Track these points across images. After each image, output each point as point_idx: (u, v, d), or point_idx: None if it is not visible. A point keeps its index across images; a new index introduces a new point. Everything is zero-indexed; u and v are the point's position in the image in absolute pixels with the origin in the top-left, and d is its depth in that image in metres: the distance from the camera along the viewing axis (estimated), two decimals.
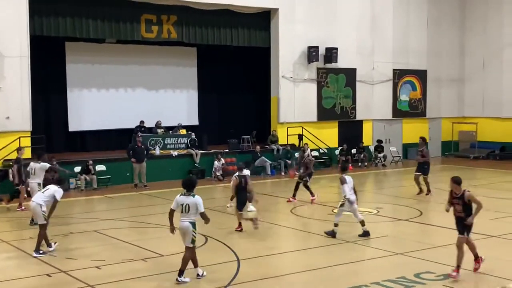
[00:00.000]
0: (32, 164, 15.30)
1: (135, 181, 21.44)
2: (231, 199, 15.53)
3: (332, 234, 12.90)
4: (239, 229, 13.76)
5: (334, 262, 11.14)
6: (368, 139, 29.16)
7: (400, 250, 11.92)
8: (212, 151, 24.48)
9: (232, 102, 28.05)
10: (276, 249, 12.53)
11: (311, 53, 26.83)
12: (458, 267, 9.86)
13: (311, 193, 17.60)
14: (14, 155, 20.21)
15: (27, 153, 20.86)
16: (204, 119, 27.54)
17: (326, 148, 27.47)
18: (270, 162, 24.91)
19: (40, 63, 22.15)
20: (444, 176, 25.87)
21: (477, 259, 10.24)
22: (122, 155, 22.23)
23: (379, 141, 28.56)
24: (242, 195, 13.76)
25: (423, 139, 19.29)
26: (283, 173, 24.78)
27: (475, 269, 10.24)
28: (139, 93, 25.93)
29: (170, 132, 24.75)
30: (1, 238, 13.41)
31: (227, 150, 24.75)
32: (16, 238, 13.36)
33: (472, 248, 10.17)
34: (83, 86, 24.64)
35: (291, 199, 17.74)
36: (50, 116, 24.23)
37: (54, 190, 12.10)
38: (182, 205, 9.93)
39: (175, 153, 23.85)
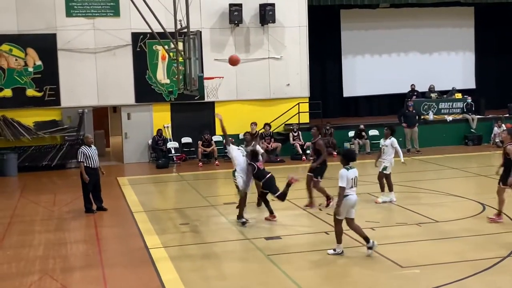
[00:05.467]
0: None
1: (407, 146, 21.39)
2: None
3: None
4: None
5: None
6: None
7: None
8: (490, 116, 23.17)
9: None
10: None
11: None
12: None
13: None
14: (294, 120, 21.72)
15: (305, 118, 22.26)
16: (481, 82, 26.08)
17: None
18: None
19: (316, 32, 23.21)
20: None
21: None
22: (394, 120, 22.29)
23: None
24: None
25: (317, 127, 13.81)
26: None
27: None
28: (412, 57, 25.62)
29: (444, 96, 24.04)
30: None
31: (507, 115, 23.13)
32: (298, 196, 14.26)
33: None
34: (356, 52, 25.20)
35: None
36: (326, 82, 25.28)
37: None
38: None
39: (449, 118, 23.13)
